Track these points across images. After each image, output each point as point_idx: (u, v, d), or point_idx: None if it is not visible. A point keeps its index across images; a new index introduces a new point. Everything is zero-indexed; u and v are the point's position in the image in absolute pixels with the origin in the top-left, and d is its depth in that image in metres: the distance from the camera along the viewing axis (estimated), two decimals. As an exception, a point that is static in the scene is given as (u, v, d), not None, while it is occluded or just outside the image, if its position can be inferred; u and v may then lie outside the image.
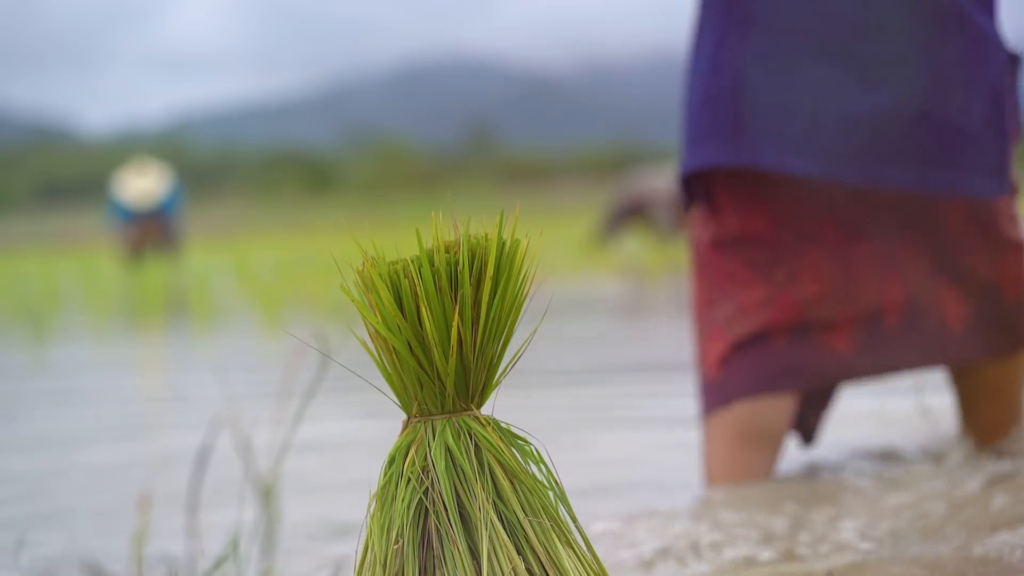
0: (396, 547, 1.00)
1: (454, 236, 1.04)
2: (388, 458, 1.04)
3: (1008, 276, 1.97)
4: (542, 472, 1.06)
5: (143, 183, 13.44)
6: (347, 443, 2.48)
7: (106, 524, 1.81)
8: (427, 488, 1.01)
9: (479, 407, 1.06)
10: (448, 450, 1.02)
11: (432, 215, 1.03)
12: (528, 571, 1.00)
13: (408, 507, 1.01)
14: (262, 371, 3.88)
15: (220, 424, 2.11)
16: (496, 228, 1.03)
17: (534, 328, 1.09)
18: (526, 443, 1.06)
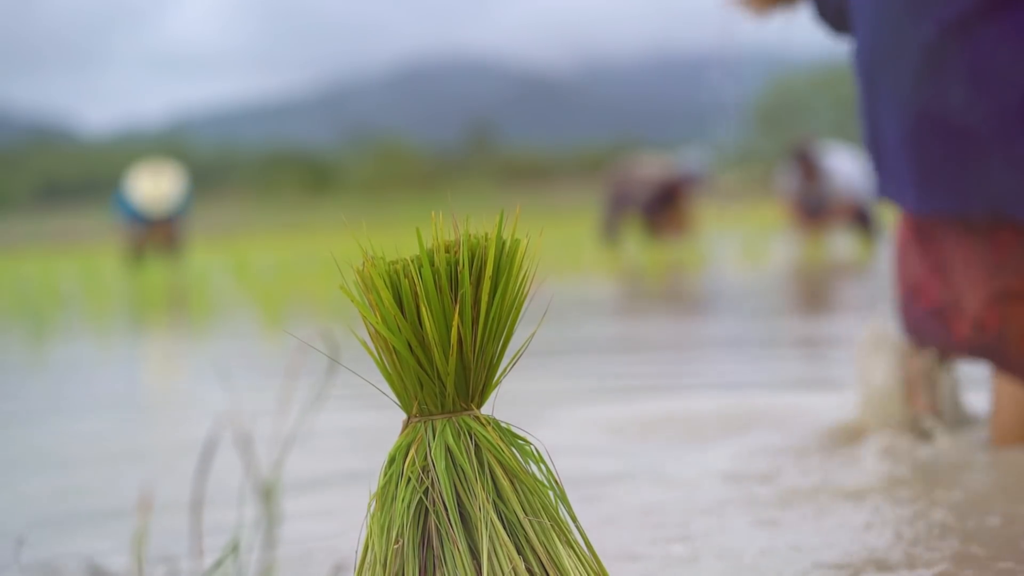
0: (396, 547, 1.00)
1: (454, 236, 1.04)
2: (388, 458, 1.05)
3: None
4: (542, 472, 1.06)
5: (157, 188, 13.21)
6: (346, 443, 2.48)
7: (106, 524, 1.81)
8: (427, 488, 1.01)
9: (479, 407, 1.06)
10: (448, 450, 1.02)
11: (432, 215, 1.03)
12: (528, 571, 1.00)
13: (408, 507, 1.01)
14: (263, 371, 3.88)
15: (221, 423, 2.11)
16: (496, 228, 1.03)
17: (534, 328, 1.09)
18: (526, 443, 1.06)
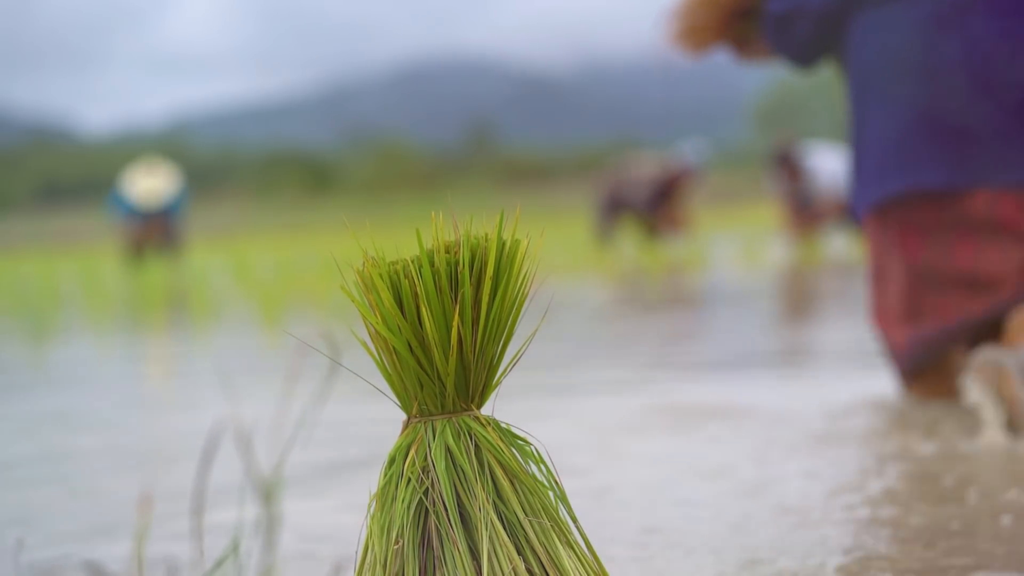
0: (396, 547, 1.00)
1: (454, 236, 1.04)
2: (388, 458, 1.04)
3: None
4: (542, 472, 1.06)
5: (152, 183, 13.47)
6: (347, 442, 2.48)
7: (106, 524, 1.81)
8: (427, 488, 1.01)
9: (479, 407, 1.06)
10: (448, 450, 1.02)
11: (432, 215, 1.03)
12: (528, 571, 1.00)
13: (408, 507, 1.01)
14: (263, 371, 3.88)
15: (222, 424, 2.11)
16: (496, 228, 1.03)
17: (534, 328, 1.09)
18: (526, 443, 1.06)
